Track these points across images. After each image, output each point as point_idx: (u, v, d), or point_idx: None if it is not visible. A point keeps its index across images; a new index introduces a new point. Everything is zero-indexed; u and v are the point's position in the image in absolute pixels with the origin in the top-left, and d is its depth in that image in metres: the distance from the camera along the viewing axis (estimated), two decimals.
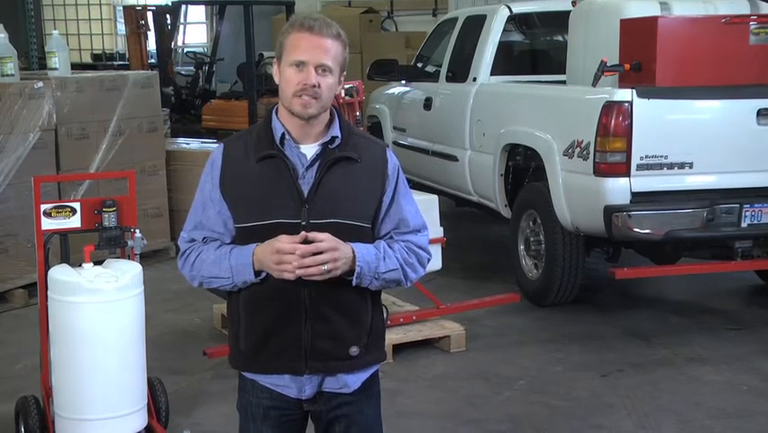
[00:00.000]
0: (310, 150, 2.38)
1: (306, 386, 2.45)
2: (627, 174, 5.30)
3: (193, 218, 2.47)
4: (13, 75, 6.69)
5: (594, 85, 5.56)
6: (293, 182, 2.35)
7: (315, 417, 2.54)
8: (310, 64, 2.31)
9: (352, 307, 2.43)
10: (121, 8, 16.73)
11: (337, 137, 2.39)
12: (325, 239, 2.27)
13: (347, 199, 2.37)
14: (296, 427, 2.54)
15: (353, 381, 2.49)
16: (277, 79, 2.40)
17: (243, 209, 2.39)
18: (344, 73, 2.42)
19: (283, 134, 2.38)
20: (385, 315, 2.72)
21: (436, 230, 5.27)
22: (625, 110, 5.26)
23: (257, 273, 2.35)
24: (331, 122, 2.41)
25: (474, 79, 7.04)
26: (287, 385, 2.46)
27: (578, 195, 5.60)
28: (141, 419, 3.89)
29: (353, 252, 2.33)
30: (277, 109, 2.43)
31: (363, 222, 2.40)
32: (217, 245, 2.42)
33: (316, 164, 2.37)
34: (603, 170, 5.35)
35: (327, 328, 2.40)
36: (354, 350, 2.44)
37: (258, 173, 2.37)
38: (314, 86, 2.30)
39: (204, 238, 2.45)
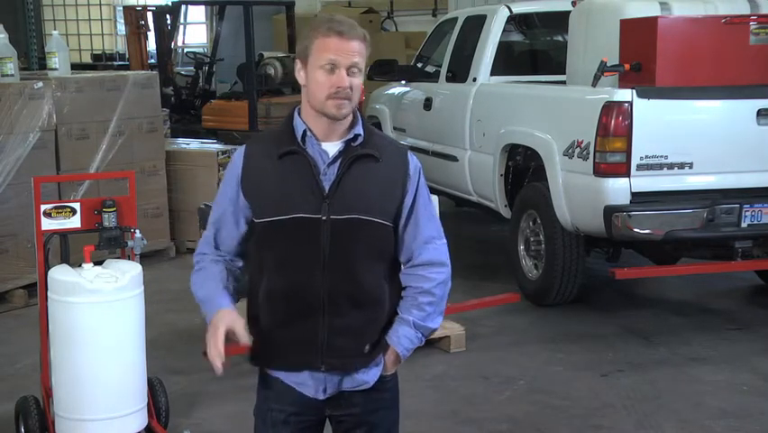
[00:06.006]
0: (332, 147, 2.40)
1: (327, 384, 2.46)
2: (627, 174, 5.30)
3: (213, 215, 2.52)
4: (13, 75, 6.69)
5: (594, 85, 5.56)
6: (314, 178, 2.37)
7: (335, 420, 2.55)
8: (342, 66, 2.33)
9: (370, 303, 2.45)
10: (121, 8, 16.73)
11: (360, 135, 2.42)
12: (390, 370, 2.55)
13: (367, 196, 2.40)
14: (313, 432, 2.57)
15: (371, 376, 2.51)
16: (302, 81, 2.42)
17: (264, 205, 2.41)
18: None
19: (305, 131, 2.40)
20: None
21: None
22: (625, 110, 5.26)
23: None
24: (354, 121, 2.44)
25: (474, 79, 7.04)
26: (304, 383, 2.47)
27: (578, 195, 5.60)
28: (142, 420, 3.90)
29: (399, 357, 2.55)
30: (299, 109, 2.45)
31: (384, 220, 2.42)
32: (218, 271, 2.50)
33: (338, 161, 2.39)
34: (603, 170, 5.35)
35: (344, 324, 2.42)
36: (368, 347, 2.47)
37: (279, 169, 2.40)
38: (347, 87, 2.33)
39: (216, 234, 2.51)
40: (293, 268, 2.40)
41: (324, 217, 2.36)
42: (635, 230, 5.32)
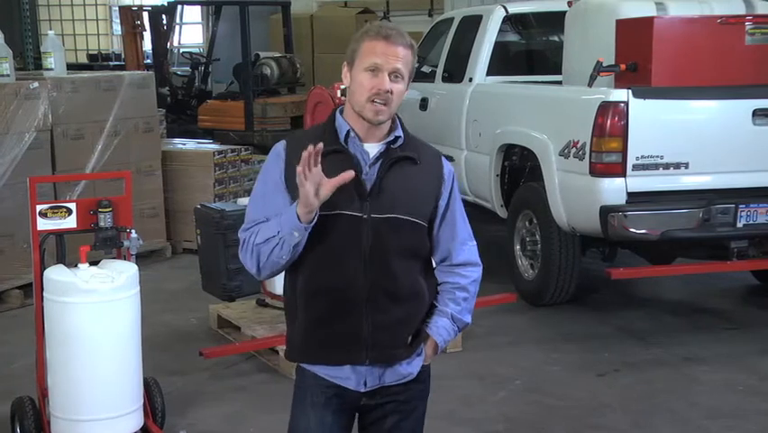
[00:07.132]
0: (373, 148, 2.47)
1: (367, 378, 2.51)
2: (623, 174, 5.31)
3: (253, 210, 2.49)
4: (8, 75, 6.68)
5: (590, 85, 5.56)
6: (357, 177, 2.41)
7: (368, 408, 2.59)
8: (384, 70, 2.39)
9: (409, 298, 2.51)
10: (117, 8, 16.69)
11: (400, 137, 2.49)
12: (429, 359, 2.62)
13: (406, 197, 2.46)
14: (352, 415, 2.62)
15: (414, 367, 2.57)
16: (346, 83, 2.48)
17: None
18: (410, 81, 2.49)
19: (348, 131, 2.46)
20: None
21: None
22: (621, 110, 5.26)
23: (300, 218, 2.33)
24: (393, 123, 2.50)
25: (470, 80, 7.04)
26: (347, 377, 2.51)
27: (574, 195, 5.60)
28: (137, 420, 3.90)
29: (437, 347, 2.61)
30: (342, 110, 2.51)
31: (420, 220, 2.50)
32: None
33: (379, 162, 2.46)
34: (599, 170, 5.36)
35: (387, 319, 2.47)
36: (410, 339, 2.54)
37: (323, 167, 2.39)
38: (387, 91, 2.39)
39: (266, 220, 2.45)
40: (335, 265, 2.44)
41: (365, 216, 2.42)
42: (631, 230, 5.32)
